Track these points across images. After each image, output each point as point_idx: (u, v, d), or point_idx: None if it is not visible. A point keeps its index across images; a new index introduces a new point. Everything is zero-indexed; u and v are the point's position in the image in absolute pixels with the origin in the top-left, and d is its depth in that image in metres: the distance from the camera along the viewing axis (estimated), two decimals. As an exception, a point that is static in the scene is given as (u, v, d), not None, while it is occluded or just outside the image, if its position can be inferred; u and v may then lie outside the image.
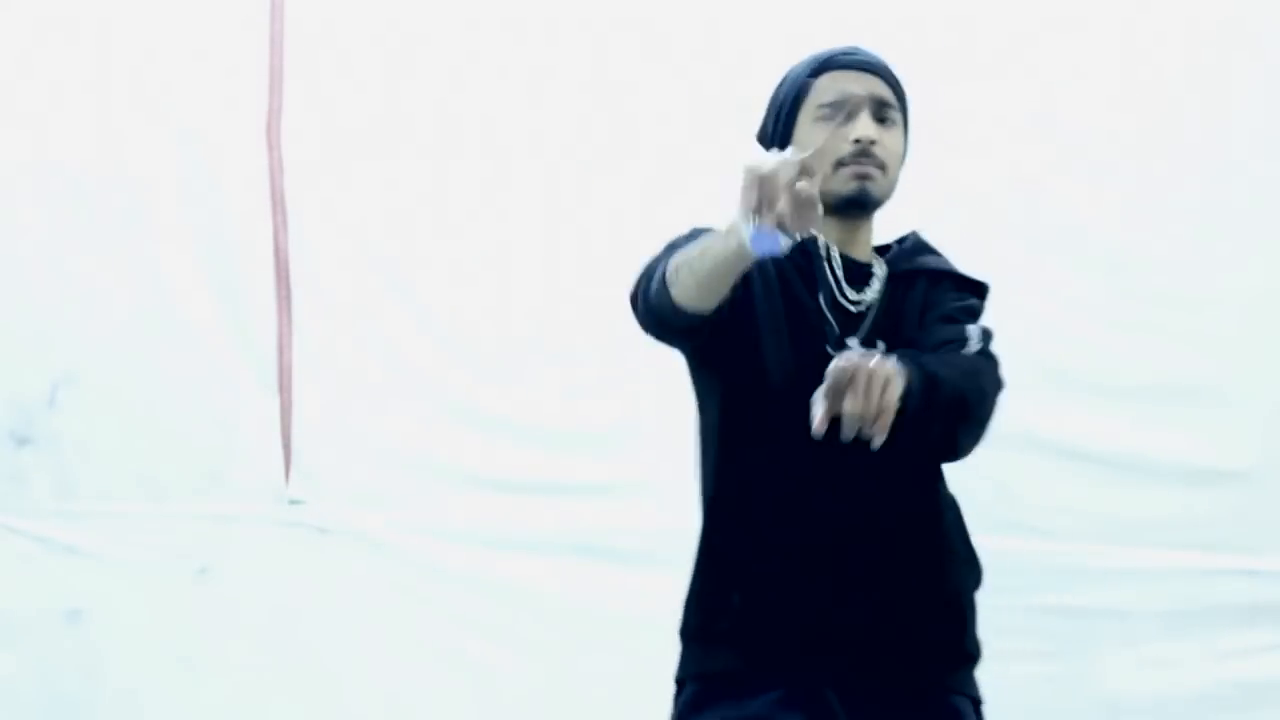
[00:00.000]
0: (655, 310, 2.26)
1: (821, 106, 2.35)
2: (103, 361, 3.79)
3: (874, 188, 2.36)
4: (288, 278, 3.74)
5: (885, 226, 2.73)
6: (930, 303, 2.43)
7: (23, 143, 3.84)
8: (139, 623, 3.72)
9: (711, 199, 3.53)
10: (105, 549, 3.76)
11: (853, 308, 2.38)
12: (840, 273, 2.38)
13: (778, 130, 2.40)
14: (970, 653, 2.42)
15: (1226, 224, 3.27)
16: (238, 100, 3.76)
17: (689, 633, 2.38)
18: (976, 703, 2.42)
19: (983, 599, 3.33)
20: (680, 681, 2.38)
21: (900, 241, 2.52)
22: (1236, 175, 3.27)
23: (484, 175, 3.64)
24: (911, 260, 2.47)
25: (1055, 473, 3.31)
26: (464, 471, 3.60)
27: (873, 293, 2.39)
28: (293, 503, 3.71)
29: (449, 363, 3.64)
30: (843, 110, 2.33)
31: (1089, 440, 3.30)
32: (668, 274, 2.20)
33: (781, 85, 2.43)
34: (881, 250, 2.49)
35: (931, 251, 2.52)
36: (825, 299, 2.37)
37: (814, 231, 2.25)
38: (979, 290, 2.51)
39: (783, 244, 1.98)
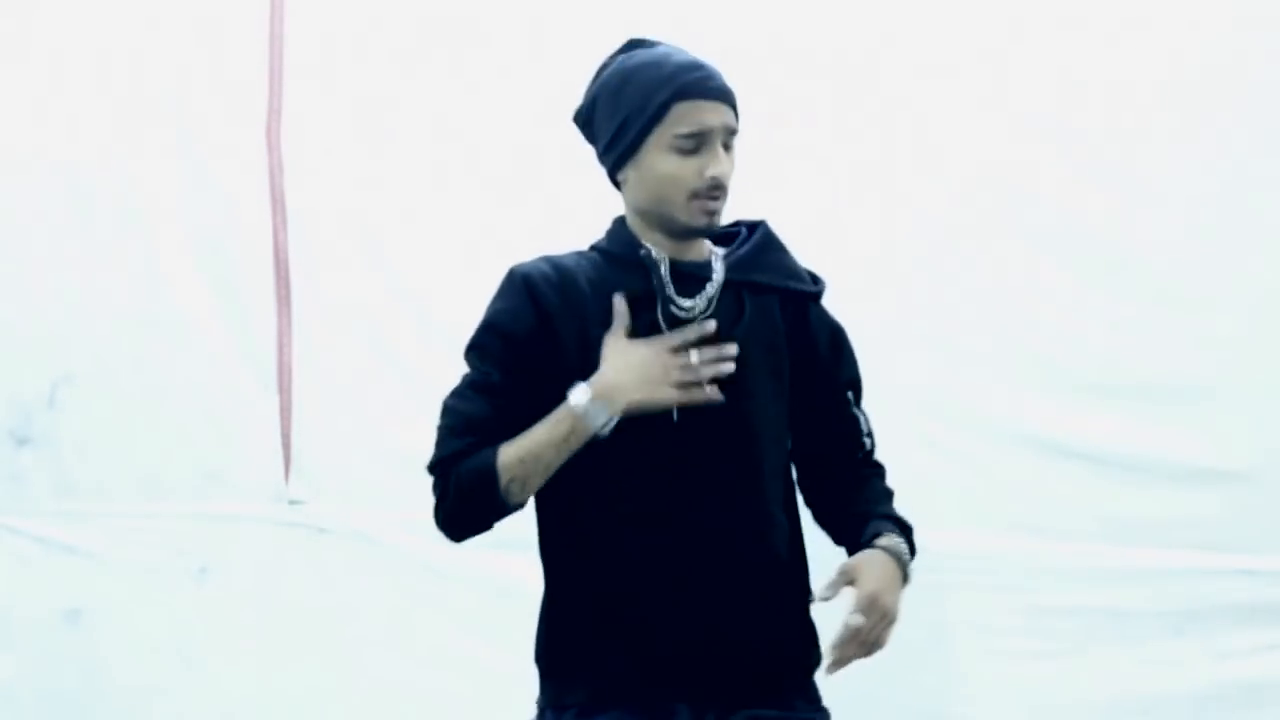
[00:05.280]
0: (486, 522, 2.36)
1: (678, 136, 2.33)
2: (103, 361, 3.80)
3: (719, 218, 2.38)
4: (288, 278, 3.74)
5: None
6: (808, 340, 2.43)
7: (22, 143, 3.84)
8: (139, 622, 3.73)
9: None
10: (105, 549, 3.76)
11: (684, 315, 2.36)
12: (670, 284, 2.37)
13: (623, 142, 2.38)
14: (810, 666, 2.47)
15: (1226, 224, 3.26)
16: (238, 100, 3.76)
17: (543, 665, 2.44)
18: (824, 713, 2.47)
19: (983, 599, 3.35)
20: (541, 708, 2.43)
21: (745, 233, 2.48)
22: (1237, 175, 3.27)
23: (484, 175, 3.64)
24: (756, 266, 2.44)
25: (1055, 473, 3.31)
26: (464, 471, 3.60)
27: (704, 299, 2.38)
28: (292, 503, 3.71)
29: (449, 363, 3.63)
30: (699, 142, 2.33)
31: (1089, 440, 3.30)
32: (504, 494, 2.31)
33: (624, 90, 2.39)
34: (725, 239, 2.47)
35: (778, 249, 2.48)
36: (663, 313, 2.37)
37: (647, 245, 2.37)
38: (820, 290, 2.51)
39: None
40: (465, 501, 2.34)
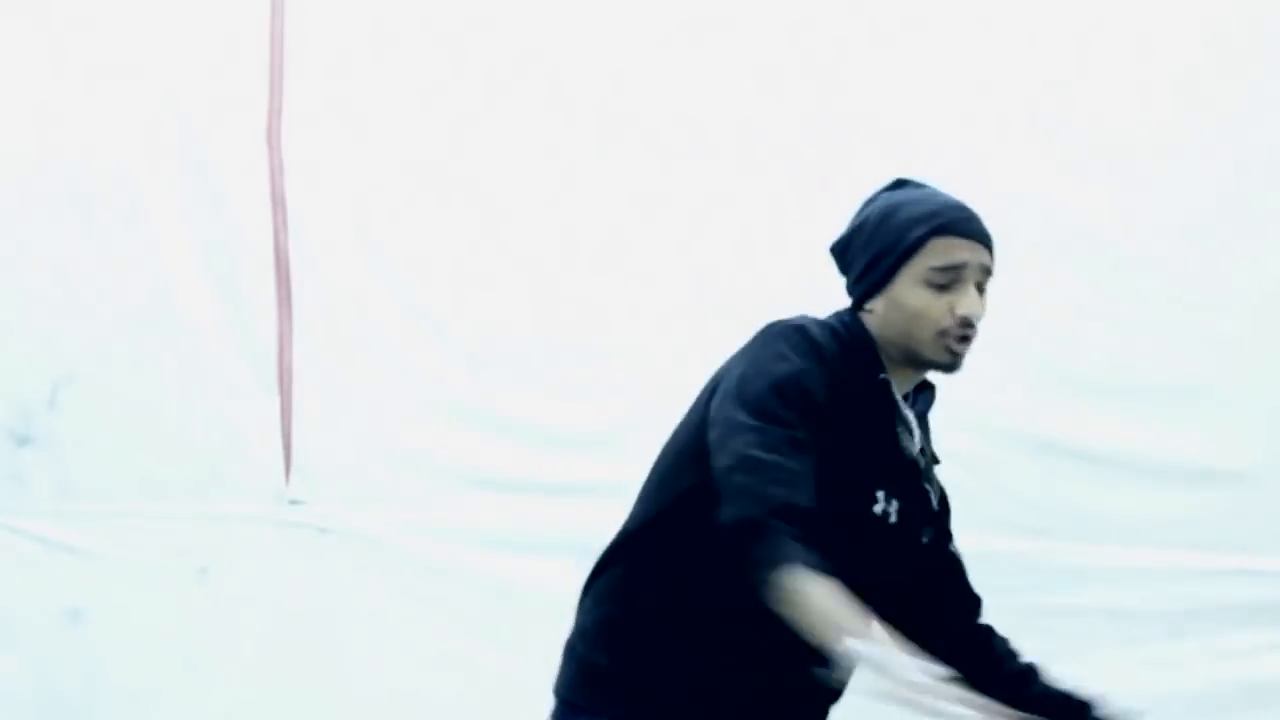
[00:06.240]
0: (754, 554, 2.10)
1: (932, 269, 2.33)
2: (103, 361, 3.80)
3: (964, 359, 2.37)
4: (288, 278, 3.74)
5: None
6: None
7: (22, 142, 3.85)
8: (139, 623, 3.73)
9: (711, 201, 3.53)
10: (105, 549, 3.76)
11: (905, 451, 2.39)
12: (902, 416, 2.39)
13: (876, 271, 2.36)
14: None
15: (1227, 224, 3.27)
16: (238, 100, 3.76)
17: (610, 679, 2.36)
18: None
19: (983, 599, 3.35)
20: (570, 704, 2.39)
21: (928, 388, 2.49)
22: (1238, 175, 3.28)
23: (484, 175, 3.64)
24: (925, 428, 2.48)
25: (1055, 473, 3.31)
26: (464, 471, 3.60)
27: (916, 444, 2.39)
28: (293, 503, 3.71)
29: (449, 363, 3.64)
30: (952, 278, 2.34)
31: (1089, 440, 3.30)
32: (773, 595, 2.06)
33: (886, 223, 2.37)
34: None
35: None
36: (887, 437, 2.37)
37: (886, 374, 2.34)
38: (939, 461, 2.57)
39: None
40: (770, 565, 2.06)
